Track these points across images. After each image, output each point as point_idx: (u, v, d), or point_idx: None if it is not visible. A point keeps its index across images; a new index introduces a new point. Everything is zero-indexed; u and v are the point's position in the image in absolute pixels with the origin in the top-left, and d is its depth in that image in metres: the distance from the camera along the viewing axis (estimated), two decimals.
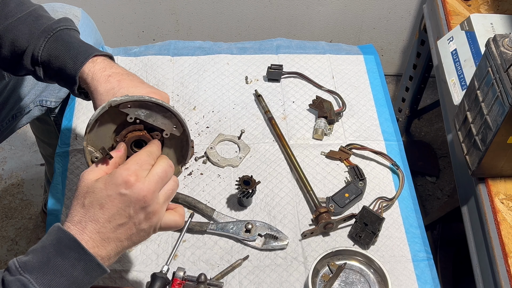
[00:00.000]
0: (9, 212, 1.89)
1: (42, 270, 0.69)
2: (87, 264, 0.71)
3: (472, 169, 1.05)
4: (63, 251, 0.70)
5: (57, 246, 0.71)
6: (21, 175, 1.99)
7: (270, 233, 1.03)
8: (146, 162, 0.76)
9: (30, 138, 2.06)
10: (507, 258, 0.96)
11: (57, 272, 0.69)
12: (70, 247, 0.71)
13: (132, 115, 0.81)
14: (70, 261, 0.70)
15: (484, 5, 1.42)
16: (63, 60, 0.88)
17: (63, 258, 0.70)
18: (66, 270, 0.70)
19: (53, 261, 0.70)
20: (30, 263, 0.69)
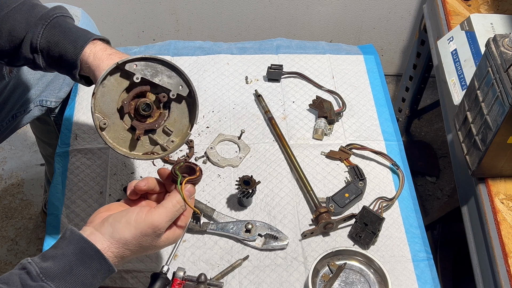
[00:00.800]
0: (9, 212, 1.89)
1: (64, 279, 0.71)
2: (105, 273, 0.75)
3: (472, 169, 1.05)
4: (86, 261, 0.73)
5: (80, 256, 0.73)
6: (21, 175, 1.99)
7: (270, 233, 1.03)
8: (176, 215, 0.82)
9: (30, 138, 2.07)
10: (507, 258, 0.96)
11: (79, 281, 0.72)
12: (93, 257, 0.74)
13: (138, 75, 0.82)
14: (92, 271, 0.73)
15: (484, 5, 1.42)
16: (63, 45, 0.89)
17: (86, 267, 0.73)
18: (87, 279, 0.73)
19: (75, 270, 0.72)
20: (52, 271, 0.71)
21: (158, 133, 0.87)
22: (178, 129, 0.87)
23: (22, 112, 1.23)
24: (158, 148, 0.87)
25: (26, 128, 2.03)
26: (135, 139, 0.85)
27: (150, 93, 0.84)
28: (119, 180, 1.11)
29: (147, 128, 0.85)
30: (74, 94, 1.26)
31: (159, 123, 0.85)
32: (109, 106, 0.84)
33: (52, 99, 1.27)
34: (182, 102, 0.86)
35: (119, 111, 0.84)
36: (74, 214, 1.06)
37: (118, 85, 0.84)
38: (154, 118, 0.86)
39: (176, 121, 0.87)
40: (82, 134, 1.18)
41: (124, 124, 0.85)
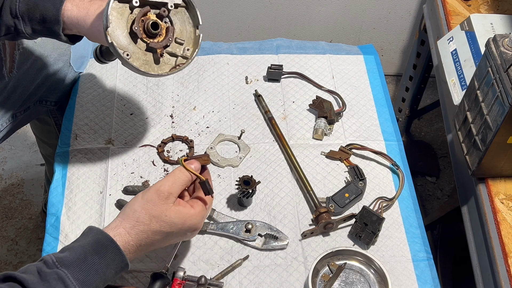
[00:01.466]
0: (9, 212, 1.89)
1: (79, 266, 0.73)
2: (119, 265, 0.78)
3: (472, 169, 1.05)
4: (100, 251, 0.76)
5: (95, 246, 0.76)
6: (21, 175, 1.99)
7: (270, 233, 1.03)
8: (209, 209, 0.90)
9: (30, 138, 2.07)
10: (507, 258, 0.96)
11: (93, 269, 0.74)
12: (108, 247, 0.77)
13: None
14: (106, 260, 0.76)
15: (484, 5, 1.42)
16: (42, 5, 0.91)
17: (100, 257, 0.76)
18: (101, 268, 0.75)
19: (90, 259, 0.75)
20: (67, 259, 0.73)
21: (173, 46, 0.95)
22: (187, 37, 0.96)
23: (22, 112, 1.23)
24: (180, 59, 0.96)
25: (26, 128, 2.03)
26: (157, 58, 0.93)
27: (150, 13, 0.91)
28: (119, 180, 1.11)
29: (163, 44, 0.92)
30: (74, 94, 1.26)
31: (170, 36, 0.93)
32: (122, 39, 0.90)
33: (52, 99, 1.27)
34: (180, 10, 0.94)
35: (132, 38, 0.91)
36: (74, 214, 1.06)
37: (121, 16, 0.89)
38: (163, 35, 0.93)
39: (182, 30, 0.95)
40: (82, 134, 1.18)
41: (140, 49, 0.92)
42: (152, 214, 0.81)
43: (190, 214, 0.84)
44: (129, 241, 0.79)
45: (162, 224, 0.81)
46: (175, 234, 0.84)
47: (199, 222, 0.86)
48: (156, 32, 0.91)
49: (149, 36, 0.91)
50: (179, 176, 0.85)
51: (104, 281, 0.76)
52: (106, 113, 1.22)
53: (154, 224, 0.81)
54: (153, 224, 0.81)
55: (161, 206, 0.81)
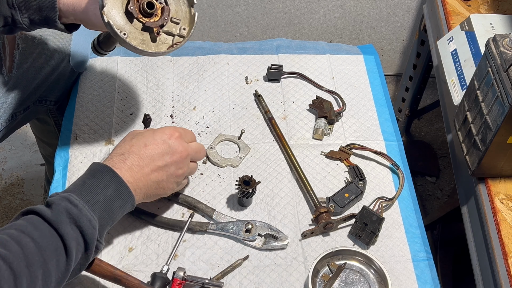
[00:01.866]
0: (9, 212, 1.89)
1: (79, 190, 0.81)
2: (118, 186, 0.83)
3: (472, 169, 1.05)
4: (96, 174, 0.83)
5: (91, 172, 0.84)
6: (21, 175, 1.99)
7: (270, 233, 1.03)
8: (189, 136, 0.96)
9: (30, 138, 2.07)
10: (507, 258, 0.96)
11: (93, 190, 0.81)
12: (102, 171, 0.84)
13: None
14: (103, 181, 0.82)
15: (484, 5, 1.42)
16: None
17: (96, 179, 0.83)
18: (100, 188, 0.82)
19: (88, 182, 0.82)
20: (69, 189, 0.82)
21: (169, 25, 0.97)
22: (183, 17, 0.98)
23: (22, 112, 1.23)
24: (177, 38, 0.98)
25: (26, 128, 2.03)
26: (154, 37, 0.95)
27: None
28: None
29: (159, 24, 0.94)
30: (74, 94, 1.26)
31: (166, 16, 0.95)
32: (119, 19, 0.91)
33: (52, 99, 1.27)
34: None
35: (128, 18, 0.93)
36: None
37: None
38: (158, 15, 0.95)
39: (177, 10, 0.97)
40: (82, 134, 1.18)
41: (137, 28, 0.94)
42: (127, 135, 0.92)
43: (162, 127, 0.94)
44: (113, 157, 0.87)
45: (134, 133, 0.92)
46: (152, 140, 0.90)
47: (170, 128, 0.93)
48: (151, 11, 0.93)
49: (144, 15, 0.94)
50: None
51: (108, 203, 0.82)
52: (106, 113, 1.22)
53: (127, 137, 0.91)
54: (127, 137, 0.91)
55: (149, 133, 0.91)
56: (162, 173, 0.90)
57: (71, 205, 0.77)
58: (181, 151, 0.92)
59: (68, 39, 1.22)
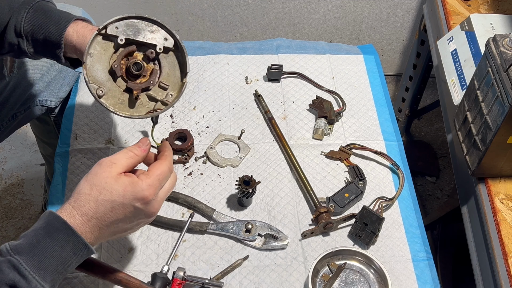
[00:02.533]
0: (9, 212, 1.89)
1: (32, 252, 0.71)
2: (75, 245, 0.74)
3: (472, 169, 1.05)
4: (53, 233, 0.73)
5: (47, 229, 0.73)
6: (21, 175, 1.99)
7: (270, 233, 1.03)
8: (165, 178, 0.81)
9: (30, 138, 2.07)
10: (507, 258, 0.96)
11: (47, 253, 0.72)
12: (59, 229, 0.73)
13: (121, 36, 0.85)
14: (60, 242, 0.73)
15: (484, 5, 1.42)
16: (46, 27, 0.91)
17: (52, 239, 0.72)
18: (55, 251, 0.72)
19: (42, 243, 0.72)
20: (20, 246, 0.71)
21: (155, 90, 0.90)
22: (173, 82, 0.90)
23: (22, 112, 1.23)
24: (159, 104, 0.90)
25: (26, 128, 2.03)
26: (133, 100, 0.88)
27: (137, 53, 0.87)
28: None
29: (143, 87, 0.88)
30: (74, 94, 1.26)
31: (153, 79, 0.88)
32: (101, 74, 0.86)
33: (52, 99, 1.27)
34: (170, 54, 0.89)
35: (111, 76, 0.87)
36: None
37: (105, 52, 0.86)
38: (147, 76, 0.89)
39: (170, 75, 0.90)
40: (82, 134, 1.18)
41: (119, 87, 0.88)
42: (93, 183, 0.77)
43: (133, 180, 0.77)
44: (75, 215, 0.75)
45: (102, 191, 0.76)
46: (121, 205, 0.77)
47: (145, 190, 0.77)
48: (138, 73, 0.87)
49: (131, 76, 0.87)
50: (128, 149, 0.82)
51: (63, 264, 0.73)
52: (106, 113, 1.22)
53: (94, 192, 0.76)
54: (94, 192, 0.76)
55: (102, 174, 0.77)
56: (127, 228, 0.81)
57: (20, 277, 0.69)
58: (153, 211, 0.80)
59: None
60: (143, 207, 0.78)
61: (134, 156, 0.81)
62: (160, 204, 0.81)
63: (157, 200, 0.80)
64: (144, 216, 0.80)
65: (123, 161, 0.79)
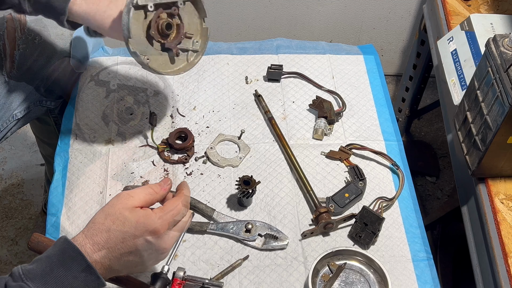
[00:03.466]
0: (9, 212, 1.89)
1: (44, 279, 0.70)
2: (88, 277, 0.73)
3: (472, 169, 1.05)
4: (67, 262, 0.72)
5: (61, 257, 0.72)
6: (21, 175, 1.99)
7: (270, 233, 1.03)
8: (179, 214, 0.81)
9: (30, 138, 2.06)
10: (507, 258, 0.96)
11: (59, 282, 0.71)
12: (74, 258, 0.73)
13: (150, 3, 0.91)
14: (73, 272, 0.72)
15: (484, 5, 1.42)
16: None
17: (66, 269, 0.72)
18: (67, 280, 0.72)
19: (56, 271, 0.71)
20: (33, 271, 0.71)
21: (184, 41, 0.98)
22: (195, 30, 0.99)
23: (22, 112, 1.23)
24: (191, 53, 0.99)
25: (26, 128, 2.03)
26: (173, 57, 0.97)
27: (162, 14, 0.93)
28: (119, 180, 1.11)
29: (177, 42, 0.95)
30: (74, 94, 1.26)
31: (183, 33, 0.96)
32: (140, 44, 0.92)
33: (52, 99, 1.27)
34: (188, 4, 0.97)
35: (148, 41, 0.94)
36: (74, 214, 1.06)
37: (137, 22, 0.92)
38: (174, 32, 0.96)
39: (190, 23, 0.98)
40: (82, 134, 1.18)
41: (157, 49, 0.95)
42: (108, 213, 0.77)
43: (147, 213, 0.78)
44: (86, 243, 0.75)
45: (115, 221, 0.76)
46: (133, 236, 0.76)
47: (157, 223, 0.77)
48: (169, 32, 0.94)
49: (163, 36, 0.94)
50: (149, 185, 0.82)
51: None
52: (106, 113, 1.22)
53: (108, 222, 0.76)
54: (107, 222, 0.76)
55: (118, 205, 0.78)
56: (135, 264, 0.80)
57: None
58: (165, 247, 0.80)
59: (68, 40, 1.22)
60: (154, 240, 0.78)
61: (153, 193, 0.82)
62: (173, 241, 0.81)
63: (169, 236, 0.80)
64: (155, 251, 0.79)
65: (141, 196, 0.80)
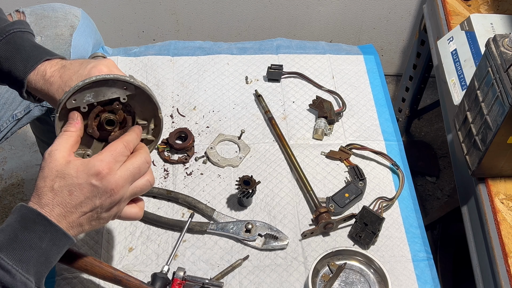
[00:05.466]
0: (9, 212, 1.89)
1: (12, 246, 0.71)
2: (54, 235, 0.73)
3: (472, 169, 1.05)
4: (29, 226, 0.73)
5: (23, 222, 0.73)
6: (21, 175, 1.99)
7: (270, 233, 1.03)
8: (121, 154, 0.78)
9: (30, 138, 2.07)
10: (507, 258, 0.96)
11: (26, 246, 0.72)
12: (35, 221, 0.73)
13: (83, 105, 0.81)
14: (37, 233, 0.72)
15: (484, 5, 1.42)
16: (13, 62, 0.89)
17: (30, 232, 0.72)
18: (34, 243, 0.72)
19: (20, 236, 0.72)
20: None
21: None
22: (149, 116, 0.87)
23: (22, 112, 1.23)
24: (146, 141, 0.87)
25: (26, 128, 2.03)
26: None
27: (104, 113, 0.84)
28: None
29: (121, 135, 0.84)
30: None
31: (128, 124, 0.85)
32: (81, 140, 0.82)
33: None
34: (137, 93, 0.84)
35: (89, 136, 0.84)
36: None
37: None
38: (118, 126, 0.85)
39: (143, 110, 0.86)
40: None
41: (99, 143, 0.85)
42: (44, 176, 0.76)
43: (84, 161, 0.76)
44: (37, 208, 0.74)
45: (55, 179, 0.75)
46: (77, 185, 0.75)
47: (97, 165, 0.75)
48: (111, 128, 0.84)
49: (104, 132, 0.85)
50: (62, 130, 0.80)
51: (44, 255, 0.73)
52: None
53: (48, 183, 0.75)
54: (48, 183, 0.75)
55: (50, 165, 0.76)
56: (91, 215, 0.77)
57: (4, 272, 0.69)
58: (112, 188, 0.76)
59: (68, 40, 1.22)
60: (98, 183, 0.75)
61: (71, 133, 0.79)
62: (121, 180, 0.77)
63: (115, 176, 0.76)
64: (105, 194, 0.76)
65: (63, 144, 0.78)
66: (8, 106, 1.19)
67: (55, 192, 0.75)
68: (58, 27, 1.20)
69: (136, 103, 0.85)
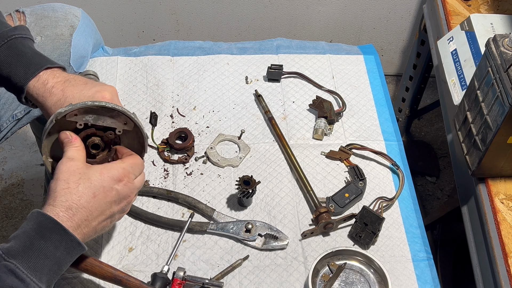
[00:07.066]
0: (9, 212, 1.89)
1: (27, 254, 0.71)
2: (69, 244, 0.75)
3: (472, 169, 1.05)
4: (45, 234, 0.73)
5: (39, 230, 0.73)
6: (21, 175, 1.99)
7: (270, 233, 1.03)
8: (138, 169, 0.85)
9: (30, 138, 2.06)
10: (507, 258, 0.96)
11: (41, 254, 0.72)
12: (52, 229, 0.74)
13: (80, 122, 0.83)
14: (53, 242, 0.73)
15: (484, 5, 1.42)
16: (14, 67, 0.89)
17: (46, 240, 0.73)
18: (49, 251, 0.73)
19: (36, 244, 0.73)
20: (13, 249, 0.71)
21: None
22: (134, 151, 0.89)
23: (22, 112, 1.23)
24: None
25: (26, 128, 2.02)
26: None
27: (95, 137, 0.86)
28: None
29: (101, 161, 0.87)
30: None
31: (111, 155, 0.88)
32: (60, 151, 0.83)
33: None
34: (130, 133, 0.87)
35: None
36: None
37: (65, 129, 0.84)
38: (104, 152, 0.88)
39: (129, 145, 0.89)
40: None
41: None
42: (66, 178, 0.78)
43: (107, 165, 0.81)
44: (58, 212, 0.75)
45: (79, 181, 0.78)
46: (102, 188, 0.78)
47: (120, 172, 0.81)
48: (96, 152, 0.86)
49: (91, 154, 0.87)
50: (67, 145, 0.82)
51: (58, 264, 0.74)
52: None
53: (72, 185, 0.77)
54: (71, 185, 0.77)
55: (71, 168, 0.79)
56: (108, 221, 0.83)
57: (18, 281, 0.69)
58: (128, 196, 0.83)
59: (68, 40, 1.22)
60: (121, 188, 0.81)
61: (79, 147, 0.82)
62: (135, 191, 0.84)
63: (132, 186, 0.83)
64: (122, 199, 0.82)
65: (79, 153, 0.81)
66: (8, 106, 1.19)
67: (80, 195, 0.77)
68: (58, 27, 1.20)
69: (125, 138, 0.88)
